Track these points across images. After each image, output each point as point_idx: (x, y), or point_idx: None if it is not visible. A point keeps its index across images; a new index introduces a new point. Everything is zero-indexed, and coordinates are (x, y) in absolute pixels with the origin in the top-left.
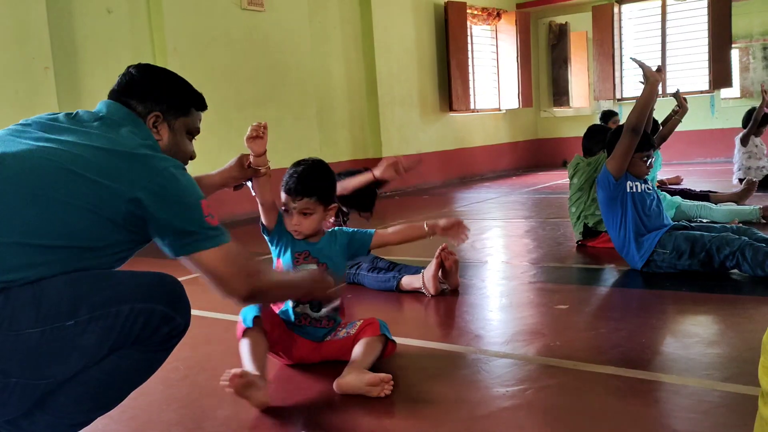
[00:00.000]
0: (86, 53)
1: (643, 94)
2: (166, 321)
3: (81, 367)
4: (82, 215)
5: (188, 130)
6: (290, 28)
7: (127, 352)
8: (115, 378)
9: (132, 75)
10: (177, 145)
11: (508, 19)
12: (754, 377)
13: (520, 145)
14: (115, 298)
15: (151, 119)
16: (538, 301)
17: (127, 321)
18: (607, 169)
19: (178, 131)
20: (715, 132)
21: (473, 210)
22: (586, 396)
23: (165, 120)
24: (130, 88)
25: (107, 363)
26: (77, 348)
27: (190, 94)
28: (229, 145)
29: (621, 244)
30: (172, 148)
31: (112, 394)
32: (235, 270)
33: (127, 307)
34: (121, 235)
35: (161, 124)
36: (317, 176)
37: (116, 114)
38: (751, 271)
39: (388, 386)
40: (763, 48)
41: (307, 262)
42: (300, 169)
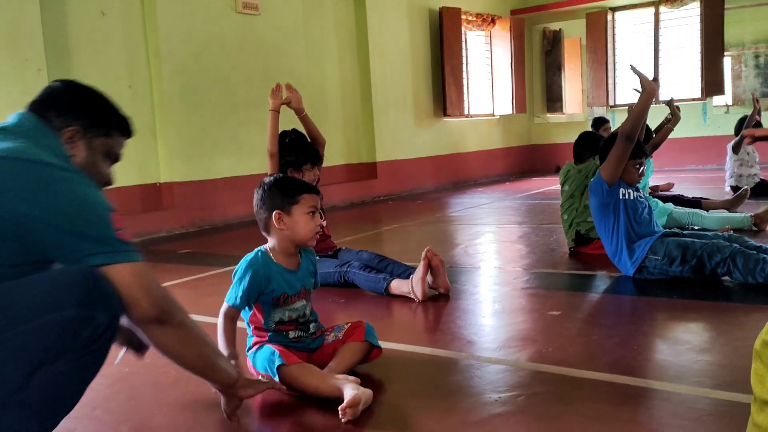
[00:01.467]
0: (80, 55)
1: (639, 103)
2: (83, 324)
3: (5, 395)
4: None
5: (108, 152)
6: (285, 31)
7: (52, 368)
8: (50, 396)
9: (55, 87)
10: (94, 165)
11: (502, 25)
12: (745, 384)
13: (514, 150)
14: (14, 319)
15: (67, 133)
16: (530, 307)
17: (35, 340)
18: (600, 176)
19: (96, 151)
20: (707, 139)
21: (466, 215)
22: (577, 403)
23: (83, 137)
24: (50, 99)
25: (36, 383)
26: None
27: (116, 116)
28: (223, 147)
29: (613, 250)
30: (87, 168)
31: (53, 410)
32: (144, 289)
33: (31, 325)
34: (9, 251)
35: (78, 140)
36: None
37: (25, 124)
38: (742, 278)
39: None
40: (755, 56)
41: (302, 297)
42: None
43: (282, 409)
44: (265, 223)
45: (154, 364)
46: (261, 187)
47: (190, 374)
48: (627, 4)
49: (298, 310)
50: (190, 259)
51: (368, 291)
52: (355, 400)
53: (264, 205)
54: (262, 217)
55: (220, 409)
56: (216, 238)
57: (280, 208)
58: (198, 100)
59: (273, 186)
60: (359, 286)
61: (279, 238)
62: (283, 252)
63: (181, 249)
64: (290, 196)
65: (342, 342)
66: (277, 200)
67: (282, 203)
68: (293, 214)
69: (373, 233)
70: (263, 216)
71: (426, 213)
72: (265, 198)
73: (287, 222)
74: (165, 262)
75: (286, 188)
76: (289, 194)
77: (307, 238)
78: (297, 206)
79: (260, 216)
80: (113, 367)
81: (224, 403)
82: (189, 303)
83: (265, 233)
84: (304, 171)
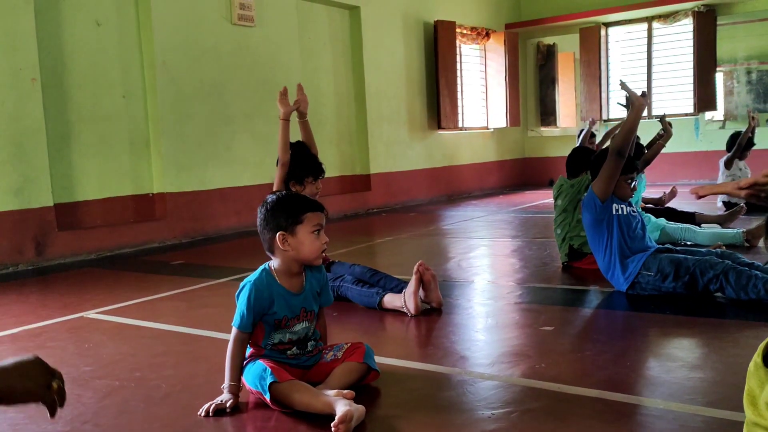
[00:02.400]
0: (74, 65)
1: (629, 118)
2: None
3: None
4: None
5: None
6: (280, 43)
7: None
8: None
9: None
10: None
11: (496, 38)
12: (737, 403)
13: (508, 163)
14: None
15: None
16: (523, 322)
17: None
18: (593, 192)
19: None
20: (699, 154)
21: (460, 228)
22: (570, 419)
23: None
24: None
25: None
26: None
27: None
28: (217, 158)
29: (606, 266)
30: None
31: None
32: None
33: None
34: None
35: None
36: None
37: None
38: (734, 294)
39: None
40: (747, 72)
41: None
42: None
43: (273, 426)
44: (269, 244)
45: (145, 378)
46: (263, 207)
47: (181, 388)
48: (620, 19)
49: (298, 333)
50: (182, 270)
51: (361, 305)
52: (347, 416)
53: (267, 226)
54: (266, 237)
55: (211, 424)
56: (209, 250)
57: (284, 229)
58: (192, 111)
59: (276, 206)
60: (352, 300)
61: (283, 259)
62: (286, 272)
63: (174, 260)
64: (294, 216)
65: (340, 361)
66: (281, 221)
67: (286, 224)
68: (297, 234)
69: (367, 245)
70: (267, 237)
71: (419, 226)
72: (268, 218)
73: (292, 243)
74: (157, 273)
75: (289, 208)
76: (292, 214)
77: (312, 258)
78: (301, 226)
79: (264, 237)
80: (103, 381)
81: None
82: (180, 315)
83: (269, 253)
84: (306, 184)
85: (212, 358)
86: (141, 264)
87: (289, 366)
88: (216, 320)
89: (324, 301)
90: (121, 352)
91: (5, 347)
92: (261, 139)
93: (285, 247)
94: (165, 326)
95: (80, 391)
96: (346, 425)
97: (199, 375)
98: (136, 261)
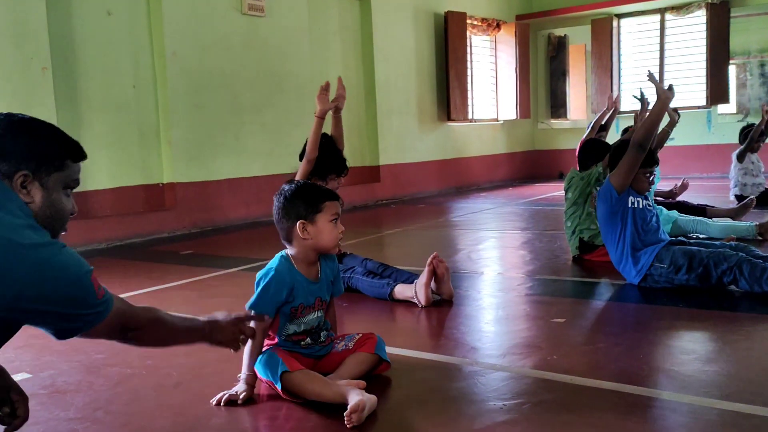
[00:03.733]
0: (85, 55)
1: (653, 111)
2: None
3: None
4: None
5: (65, 184)
6: (290, 34)
7: None
8: None
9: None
10: (53, 205)
11: (507, 30)
12: (751, 395)
13: (517, 156)
14: None
15: (18, 179)
16: (534, 314)
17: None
18: (610, 183)
19: (53, 189)
20: (711, 147)
21: (469, 220)
22: (583, 411)
23: (35, 179)
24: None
25: None
26: None
27: (64, 144)
28: (227, 149)
29: (618, 258)
30: (48, 210)
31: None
32: (113, 330)
33: None
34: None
35: (31, 183)
36: None
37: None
38: (748, 286)
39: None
40: (760, 65)
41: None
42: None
43: (285, 415)
44: (287, 233)
45: (156, 366)
46: (281, 196)
47: (192, 377)
48: (633, 11)
49: (310, 323)
50: (192, 260)
51: (371, 297)
52: (359, 405)
53: (286, 215)
54: (284, 226)
55: (222, 413)
56: (218, 240)
57: (304, 218)
58: (202, 101)
59: (295, 195)
60: (362, 291)
61: (301, 248)
62: (304, 261)
63: (183, 250)
64: (313, 205)
65: (351, 351)
66: (300, 209)
67: (306, 212)
68: (317, 223)
69: (376, 237)
70: (285, 225)
71: (429, 217)
72: (287, 207)
73: (311, 231)
74: (167, 263)
75: (308, 197)
76: (312, 203)
77: (331, 246)
78: (320, 215)
79: (282, 225)
80: (115, 368)
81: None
82: (191, 304)
83: (286, 243)
84: (328, 181)
85: (222, 348)
86: (151, 254)
87: (301, 355)
88: (226, 309)
89: (336, 291)
90: None
91: None
92: (270, 129)
93: (305, 236)
94: None
95: (92, 379)
96: (358, 415)
97: (210, 364)
98: (146, 250)
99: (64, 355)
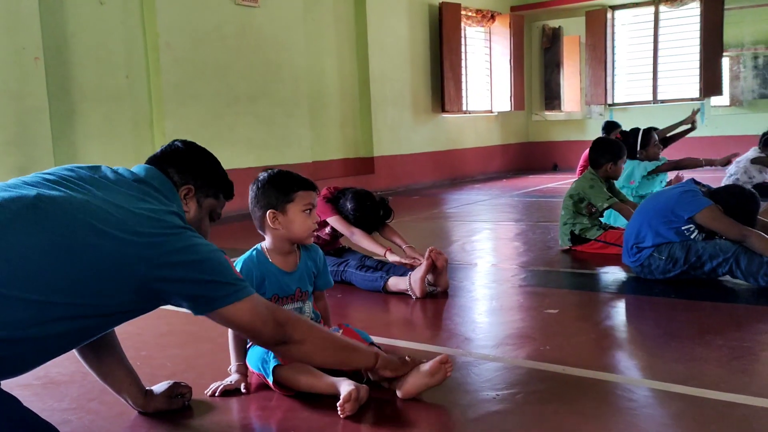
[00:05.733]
0: (77, 45)
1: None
2: None
3: None
4: (95, 273)
5: (211, 213)
6: (284, 24)
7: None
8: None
9: (177, 146)
10: (200, 221)
11: (502, 21)
12: (743, 385)
13: (511, 147)
14: None
15: (183, 191)
16: (527, 304)
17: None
18: (702, 220)
19: (204, 210)
20: (704, 139)
21: (463, 212)
22: (576, 401)
23: (196, 195)
24: (173, 157)
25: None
26: None
27: (224, 180)
28: (220, 139)
29: (632, 246)
30: (195, 224)
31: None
32: (263, 321)
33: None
34: (127, 297)
35: (191, 198)
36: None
37: (155, 179)
38: (743, 278)
39: (449, 365)
40: (753, 57)
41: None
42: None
43: (278, 408)
44: (260, 222)
45: (150, 356)
46: (255, 184)
47: (186, 368)
48: (627, 2)
49: None
50: None
51: (366, 290)
52: (351, 394)
53: (258, 203)
54: (257, 215)
55: (216, 404)
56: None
57: (274, 207)
58: (195, 91)
59: (267, 183)
60: (356, 285)
61: (274, 237)
62: (278, 251)
63: None
64: (285, 194)
65: None
66: (271, 198)
67: (276, 201)
68: (288, 213)
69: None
70: (258, 214)
71: (423, 209)
72: (259, 195)
73: (282, 221)
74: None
75: (280, 185)
76: (283, 191)
77: (303, 237)
78: (292, 204)
79: (255, 214)
80: None
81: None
82: None
83: (261, 231)
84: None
85: (216, 338)
86: None
87: None
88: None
89: (323, 284)
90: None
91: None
92: (265, 120)
93: (275, 225)
94: (169, 306)
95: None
96: (351, 404)
97: (203, 354)
98: None
99: None
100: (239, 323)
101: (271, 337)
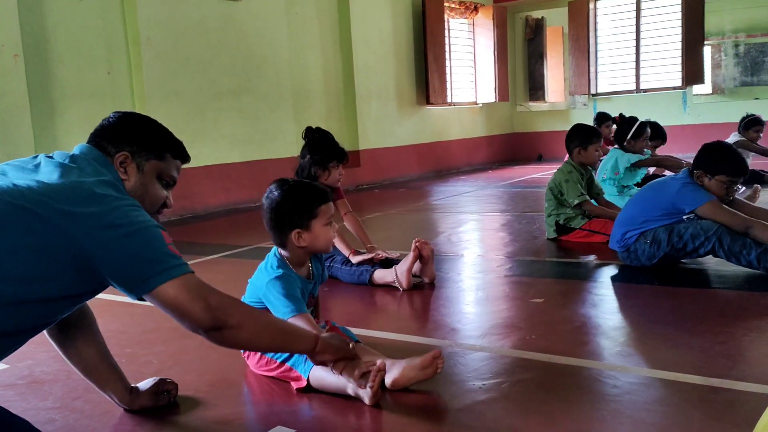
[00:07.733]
0: (57, 41)
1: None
2: None
3: None
4: (28, 254)
5: (160, 175)
6: (266, 18)
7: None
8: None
9: (109, 118)
10: (145, 187)
11: (485, 12)
12: (724, 370)
13: (496, 138)
14: None
15: (118, 158)
16: (513, 294)
17: None
18: (700, 211)
19: (147, 174)
20: (686, 128)
21: (449, 203)
22: (561, 389)
23: (135, 161)
24: (104, 130)
25: None
26: None
27: (166, 139)
28: (204, 135)
29: (622, 230)
30: (139, 190)
31: None
32: (194, 302)
33: None
34: (69, 276)
35: (129, 164)
36: None
37: (87, 154)
38: (725, 257)
39: (440, 360)
40: (734, 45)
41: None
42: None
43: (264, 402)
44: (281, 240)
45: (136, 354)
46: (271, 204)
47: (172, 364)
48: None
49: None
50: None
51: (352, 284)
52: (382, 365)
53: (280, 224)
54: (279, 234)
55: (202, 400)
56: (198, 227)
57: (299, 227)
58: (178, 87)
59: (286, 201)
60: (342, 280)
61: (295, 252)
62: (298, 263)
63: None
64: (308, 211)
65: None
66: (295, 219)
67: (300, 221)
68: (313, 229)
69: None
70: (279, 234)
71: (409, 201)
72: (280, 216)
73: (307, 237)
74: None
75: (301, 203)
76: (306, 209)
77: (326, 249)
78: (315, 220)
79: (275, 233)
80: None
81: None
82: None
83: (280, 248)
84: (331, 169)
85: None
86: None
87: None
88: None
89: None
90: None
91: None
92: (249, 115)
93: (300, 243)
94: None
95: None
96: (381, 374)
97: (189, 351)
98: None
99: (41, 345)
100: (170, 304)
101: (205, 321)
